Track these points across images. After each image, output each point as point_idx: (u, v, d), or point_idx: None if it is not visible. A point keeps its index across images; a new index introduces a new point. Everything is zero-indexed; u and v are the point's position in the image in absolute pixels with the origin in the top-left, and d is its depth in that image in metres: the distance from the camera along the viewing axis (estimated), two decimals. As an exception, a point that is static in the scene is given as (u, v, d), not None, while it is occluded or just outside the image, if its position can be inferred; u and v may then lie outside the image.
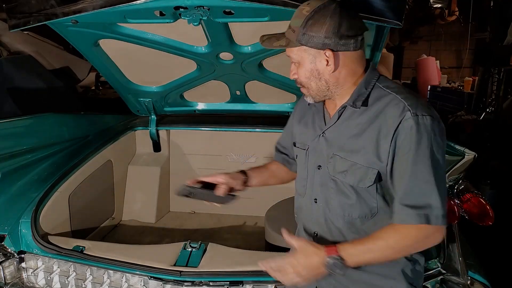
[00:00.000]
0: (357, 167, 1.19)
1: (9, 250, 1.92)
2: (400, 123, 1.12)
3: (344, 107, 1.24)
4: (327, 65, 1.18)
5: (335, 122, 1.27)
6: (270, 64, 2.32)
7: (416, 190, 1.12)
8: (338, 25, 1.13)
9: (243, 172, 1.56)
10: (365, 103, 1.20)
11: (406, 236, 1.14)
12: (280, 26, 1.88)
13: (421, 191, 1.12)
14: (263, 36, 1.28)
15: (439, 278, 1.59)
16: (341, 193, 1.25)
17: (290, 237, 1.22)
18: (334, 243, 1.23)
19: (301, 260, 1.17)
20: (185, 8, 1.70)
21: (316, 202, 1.32)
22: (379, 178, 1.18)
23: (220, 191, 1.45)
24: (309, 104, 1.37)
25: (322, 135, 1.30)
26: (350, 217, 1.24)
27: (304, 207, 1.39)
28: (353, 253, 1.14)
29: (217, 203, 1.48)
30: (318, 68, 1.20)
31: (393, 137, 1.13)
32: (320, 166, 1.30)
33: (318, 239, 1.32)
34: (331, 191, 1.27)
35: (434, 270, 1.61)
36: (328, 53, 1.16)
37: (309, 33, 1.15)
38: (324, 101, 1.34)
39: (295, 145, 1.46)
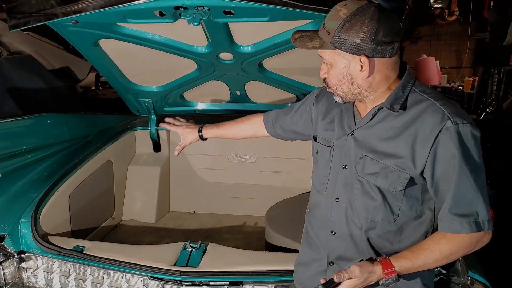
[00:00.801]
0: (389, 170, 1.18)
1: (9, 250, 1.92)
2: (440, 131, 1.11)
3: (379, 109, 1.22)
4: (361, 70, 1.15)
5: (367, 122, 1.24)
6: (270, 64, 2.31)
7: (464, 199, 1.12)
8: (375, 31, 1.10)
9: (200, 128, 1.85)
10: (403, 107, 1.19)
11: (459, 244, 1.16)
12: (280, 26, 1.89)
13: (469, 200, 1.12)
14: (295, 33, 1.24)
15: (439, 278, 1.59)
16: (367, 194, 1.24)
17: (342, 273, 1.16)
18: (354, 242, 1.25)
19: (359, 284, 1.17)
20: (185, 8, 1.69)
21: (338, 201, 1.30)
22: (410, 183, 1.18)
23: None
24: (335, 101, 1.36)
25: (351, 134, 1.28)
26: (373, 219, 1.24)
27: (322, 205, 1.37)
28: (409, 268, 1.17)
29: None
30: (351, 72, 1.17)
31: (433, 144, 1.13)
32: (345, 165, 1.29)
33: (335, 237, 1.32)
34: (356, 192, 1.26)
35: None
36: (363, 59, 1.13)
37: (344, 37, 1.12)
38: None
39: (316, 140, 1.43)
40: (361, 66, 1.15)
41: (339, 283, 1.15)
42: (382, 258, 1.18)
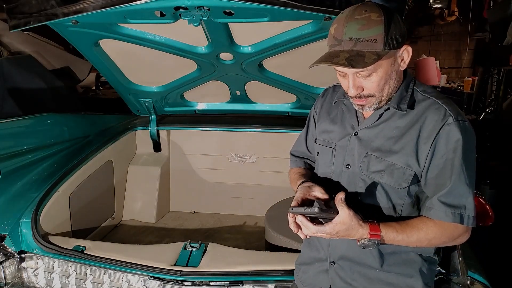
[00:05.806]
0: (395, 168, 1.20)
1: (10, 250, 1.93)
2: (442, 127, 1.15)
3: (386, 109, 1.23)
4: (402, 61, 1.18)
5: (373, 122, 1.25)
6: (270, 64, 2.32)
7: (457, 191, 1.15)
8: (400, 18, 1.14)
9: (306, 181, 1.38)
10: (410, 106, 1.21)
11: (444, 231, 1.17)
12: (280, 26, 1.89)
13: (461, 193, 1.15)
14: (327, 59, 1.10)
15: (438, 277, 1.59)
16: (370, 192, 1.25)
17: (341, 204, 1.12)
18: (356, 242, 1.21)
19: (341, 231, 1.13)
20: (185, 8, 1.70)
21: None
22: (414, 180, 1.19)
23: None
24: (335, 102, 1.37)
25: (355, 134, 1.29)
26: (375, 217, 1.23)
27: None
28: (393, 238, 1.16)
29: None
30: (396, 68, 1.18)
31: (434, 139, 1.15)
32: (349, 165, 1.29)
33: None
34: (360, 190, 1.27)
35: (434, 270, 1.61)
36: (408, 47, 1.16)
37: (395, 35, 1.11)
38: None
39: (315, 142, 1.43)
40: (403, 57, 1.17)
41: (321, 218, 1.12)
42: (372, 221, 1.16)
